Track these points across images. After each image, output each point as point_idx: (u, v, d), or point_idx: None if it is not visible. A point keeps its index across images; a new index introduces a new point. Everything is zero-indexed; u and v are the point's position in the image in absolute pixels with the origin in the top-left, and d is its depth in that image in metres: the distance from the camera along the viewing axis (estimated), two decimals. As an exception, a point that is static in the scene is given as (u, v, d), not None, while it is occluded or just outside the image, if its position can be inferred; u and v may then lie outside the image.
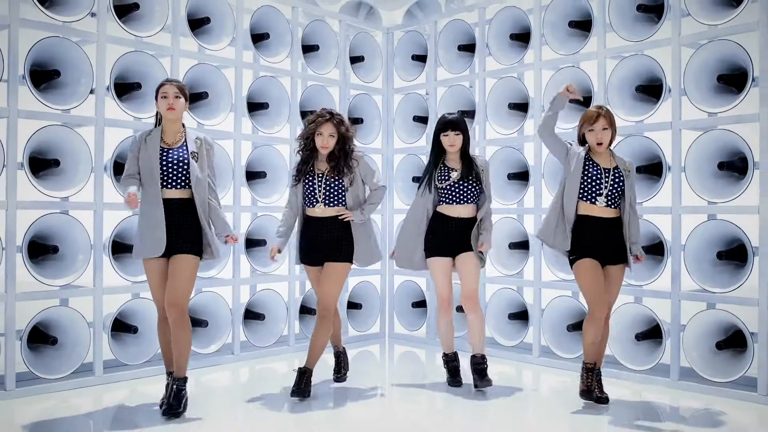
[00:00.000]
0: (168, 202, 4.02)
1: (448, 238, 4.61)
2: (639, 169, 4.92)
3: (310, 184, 4.47)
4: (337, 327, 4.90)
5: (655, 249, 4.89)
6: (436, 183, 4.62)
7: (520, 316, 5.63)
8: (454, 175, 4.60)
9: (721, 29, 4.61)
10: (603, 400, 4.25)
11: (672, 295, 4.76)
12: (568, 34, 5.39)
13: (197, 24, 5.30)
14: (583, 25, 5.31)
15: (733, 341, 4.53)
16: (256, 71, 5.72)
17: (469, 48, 6.05)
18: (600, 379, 4.31)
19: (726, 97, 4.64)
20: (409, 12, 7.01)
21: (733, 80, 4.60)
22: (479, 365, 4.59)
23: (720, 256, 4.61)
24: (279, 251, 4.54)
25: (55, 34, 4.58)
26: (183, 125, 4.19)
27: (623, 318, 4.93)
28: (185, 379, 4.07)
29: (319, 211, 4.45)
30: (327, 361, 5.65)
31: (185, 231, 4.05)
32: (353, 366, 5.19)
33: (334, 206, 4.46)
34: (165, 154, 4.06)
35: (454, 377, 4.81)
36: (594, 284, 4.19)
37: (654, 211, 4.93)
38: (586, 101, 5.25)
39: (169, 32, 5.12)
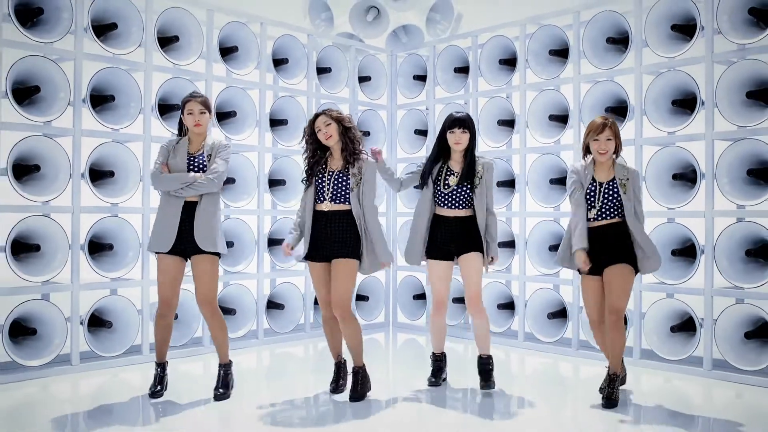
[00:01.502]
0: (188, 205, 4.38)
1: (449, 239, 4.59)
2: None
3: (320, 180, 4.46)
4: (358, 332, 4.53)
5: (621, 247, 5.69)
6: (435, 184, 4.63)
7: (508, 306, 6.42)
8: (452, 180, 4.59)
9: (677, 60, 5.40)
10: (612, 403, 4.35)
11: (634, 286, 5.53)
12: (549, 60, 6.17)
13: (227, 52, 6.09)
14: (561, 53, 6.09)
15: (685, 326, 5.32)
16: (276, 92, 6.49)
17: (463, 70, 6.82)
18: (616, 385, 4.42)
19: (680, 118, 5.42)
20: (394, 33, 7.77)
21: (686, 104, 5.39)
22: (485, 365, 4.69)
23: (674, 253, 5.40)
24: (291, 248, 4.52)
25: (110, 64, 5.37)
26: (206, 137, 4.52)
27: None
28: (230, 364, 4.56)
29: (326, 206, 4.42)
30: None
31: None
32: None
33: (340, 203, 4.43)
34: (192, 161, 4.42)
35: (436, 378, 4.88)
36: (589, 297, 4.53)
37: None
38: (564, 119, 6.04)
39: (204, 59, 5.91)
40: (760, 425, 4.24)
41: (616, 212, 4.40)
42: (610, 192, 4.39)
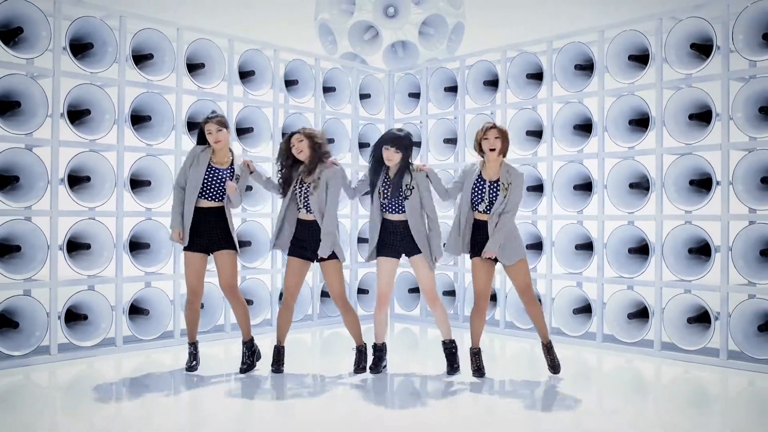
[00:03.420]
0: (205, 210, 5.11)
1: (395, 240, 5.11)
2: (576, 187, 6.58)
3: (298, 192, 5.13)
4: (355, 322, 5.35)
5: (587, 246, 6.57)
6: (379, 192, 5.12)
7: (491, 298, 7.26)
8: (390, 191, 5.08)
9: (634, 86, 6.27)
10: (556, 369, 5.22)
11: (597, 279, 6.42)
12: (526, 83, 7.04)
13: (245, 75, 6.96)
14: (536, 77, 6.97)
15: (640, 314, 6.19)
16: (287, 110, 7.35)
17: (452, 89, 7.70)
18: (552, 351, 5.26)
19: (635, 135, 6.29)
20: (392, 48, 8.60)
21: (640, 123, 6.26)
22: (447, 349, 5.24)
23: (631, 251, 6.28)
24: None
25: (146, 89, 6.24)
26: (230, 150, 5.26)
27: (566, 298, 6.59)
28: (252, 339, 5.42)
29: (302, 215, 5.13)
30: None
31: (220, 232, 5.19)
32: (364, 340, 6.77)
33: (310, 212, 5.08)
34: (211, 172, 5.13)
35: (376, 366, 5.34)
36: (479, 281, 5.05)
37: (586, 218, 6.58)
38: (539, 135, 6.91)
39: (226, 82, 6.79)
40: (703, 395, 5.14)
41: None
42: (495, 190, 4.96)
